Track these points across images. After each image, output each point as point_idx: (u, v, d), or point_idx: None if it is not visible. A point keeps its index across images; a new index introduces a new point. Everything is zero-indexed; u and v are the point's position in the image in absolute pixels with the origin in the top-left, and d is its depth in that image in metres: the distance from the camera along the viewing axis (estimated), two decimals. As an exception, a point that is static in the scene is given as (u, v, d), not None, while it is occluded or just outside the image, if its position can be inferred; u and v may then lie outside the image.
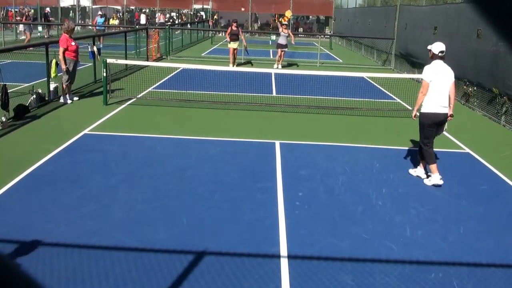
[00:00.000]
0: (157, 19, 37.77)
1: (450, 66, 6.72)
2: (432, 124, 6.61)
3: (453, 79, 6.65)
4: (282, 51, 17.78)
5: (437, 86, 6.50)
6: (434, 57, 6.68)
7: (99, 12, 27.46)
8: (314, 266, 4.41)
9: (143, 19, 36.70)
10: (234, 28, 17.43)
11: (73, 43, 10.81)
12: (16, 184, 6.04)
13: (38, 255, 4.38)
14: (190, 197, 5.88)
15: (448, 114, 6.66)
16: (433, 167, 6.61)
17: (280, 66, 17.83)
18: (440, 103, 6.54)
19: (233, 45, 17.47)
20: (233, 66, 17.14)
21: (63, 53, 10.63)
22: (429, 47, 6.81)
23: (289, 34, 17.92)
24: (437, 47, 6.66)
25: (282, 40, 17.79)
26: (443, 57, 6.64)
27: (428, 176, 6.76)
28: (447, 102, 6.60)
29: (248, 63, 19.29)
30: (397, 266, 4.47)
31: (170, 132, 8.67)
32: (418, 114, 6.81)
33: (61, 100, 10.92)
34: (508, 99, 10.26)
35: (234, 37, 17.35)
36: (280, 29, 18.09)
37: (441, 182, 6.53)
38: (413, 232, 5.17)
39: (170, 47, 21.67)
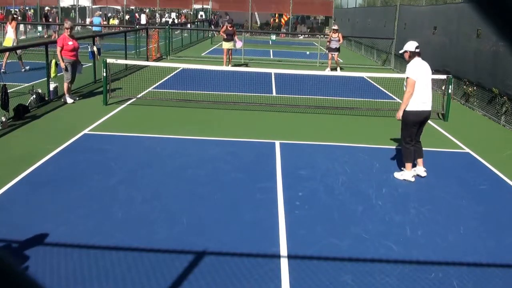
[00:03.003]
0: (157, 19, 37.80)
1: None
2: (417, 122, 6.65)
3: (430, 75, 6.77)
4: (332, 54, 17.85)
5: (421, 84, 6.54)
6: (412, 55, 6.68)
7: (98, 12, 27.46)
8: (314, 266, 4.41)
9: (143, 19, 36.70)
10: (229, 28, 17.46)
11: (70, 43, 10.80)
12: (16, 184, 6.04)
13: (38, 255, 4.38)
14: (190, 197, 5.88)
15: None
16: (409, 165, 6.74)
17: (338, 70, 17.87)
18: (423, 101, 6.58)
19: (227, 45, 17.49)
20: (226, 66, 17.10)
21: (60, 52, 10.66)
22: (402, 51, 6.85)
23: (339, 38, 17.89)
24: (412, 45, 6.70)
25: (333, 44, 17.82)
26: (419, 53, 6.71)
27: (406, 171, 6.83)
28: (430, 99, 6.69)
29: (244, 64, 19.26)
30: (397, 266, 4.47)
31: (170, 132, 8.67)
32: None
33: (67, 99, 10.87)
34: (508, 99, 10.26)
35: (229, 37, 17.38)
36: (331, 34, 18.11)
37: (412, 179, 6.71)
38: (413, 232, 5.17)
39: (170, 47, 21.67)
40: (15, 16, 19.15)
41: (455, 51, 13.15)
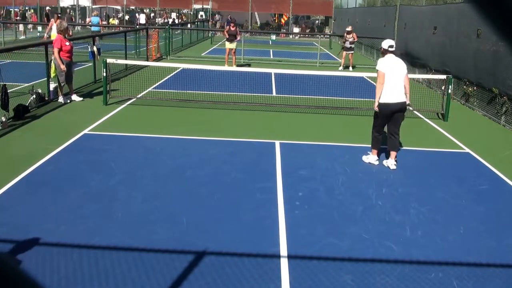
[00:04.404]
0: (157, 19, 37.83)
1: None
2: (388, 114, 7.07)
3: (405, 71, 7.16)
4: (348, 53, 18.75)
5: (391, 78, 6.98)
6: (385, 52, 7.17)
7: (94, 12, 27.53)
8: (314, 266, 4.41)
9: (142, 19, 36.70)
10: (232, 28, 17.49)
11: (67, 43, 10.79)
12: (16, 184, 6.04)
13: (38, 255, 4.38)
14: (190, 197, 5.88)
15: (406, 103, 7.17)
16: (375, 151, 7.33)
17: (351, 69, 18.58)
18: (395, 93, 6.98)
19: (230, 45, 17.50)
20: (227, 65, 17.12)
21: (58, 53, 10.62)
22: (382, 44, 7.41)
23: (354, 38, 18.68)
24: (386, 43, 7.21)
25: (347, 44, 18.72)
26: (393, 51, 7.17)
27: (392, 162, 7.23)
28: (403, 92, 7.04)
29: (247, 64, 19.26)
30: (397, 266, 4.47)
31: (170, 132, 8.67)
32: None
33: (60, 100, 10.93)
34: (508, 99, 10.25)
35: (232, 37, 17.40)
36: (346, 35, 18.87)
37: (376, 162, 7.27)
38: (413, 232, 5.17)
39: (170, 47, 21.67)
40: (59, 15, 20.00)
41: (455, 51, 13.15)
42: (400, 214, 5.62)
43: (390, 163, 7.20)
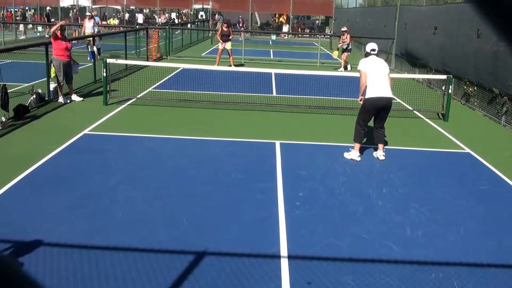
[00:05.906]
0: (158, 19, 37.87)
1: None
2: (373, 109, 7.43)
3: (387, 70, 7.63)
4: (345, 54, 18.80)
5: (374, 76, 7.40)
6: (368, 54, 7.77)
7: (93, 12, 27.60)
8: (314, 266, 4.41)
9: (140, 19, 36.68)
10: (225, 29, 17.59)
11: (62, 42, 10.80)
12: (16, 184, 6.04)
13: (38, 255, 4.38)
14: (190, 197, 5.87)
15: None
16: (357, 145, 7.57)
17: (349, 68, 18.62)
18: (379, 89, 7.33)
19: (223, 46, 17.59)
20: (217, 65, 17.09)
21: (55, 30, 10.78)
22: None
23: (347, 39, 18.71)
24: (369, 46, 7.88)
25: (344, 45, 18.85)
26: (376, 54, 7.80)
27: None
28: (387, 89, 7.40)
29: (240, 64, 19.23)
30: (397, 266, 4.47)
31: (170, 132, 8.67)
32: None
33: (60, 100, 10.94)
34: (508, 99, 10.25)
35: (225, 38, 17.50)
36: (343, 37, 18.94)
37: (358, 158, 7.48)
38: (413, 232, 5.17)
39: (170, 47, 21.67)
40: (92, 14, 21.05)
41: (456, 51, 13.15)
42: (400, 214, 5.62)
43: (379, 154, 7.56)
